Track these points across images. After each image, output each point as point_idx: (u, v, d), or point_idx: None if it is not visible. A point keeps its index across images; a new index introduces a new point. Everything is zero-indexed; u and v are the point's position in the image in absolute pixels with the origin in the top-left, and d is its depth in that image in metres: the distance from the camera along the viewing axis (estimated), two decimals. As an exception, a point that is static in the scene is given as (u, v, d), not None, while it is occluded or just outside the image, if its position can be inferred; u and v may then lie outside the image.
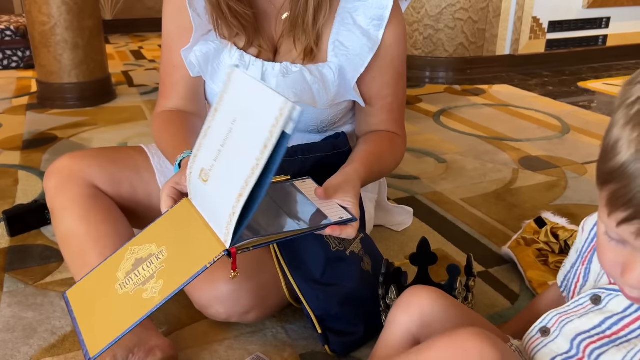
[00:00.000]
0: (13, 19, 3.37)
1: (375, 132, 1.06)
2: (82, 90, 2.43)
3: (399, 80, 1.06)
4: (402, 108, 1.10)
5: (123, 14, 4.52)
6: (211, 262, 0.66)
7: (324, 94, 1.01)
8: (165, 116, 1.08)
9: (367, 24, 1.00)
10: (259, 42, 1.02)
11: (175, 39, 1.06)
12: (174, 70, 1.08)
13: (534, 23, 3.01)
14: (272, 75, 1.01)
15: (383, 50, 1.02)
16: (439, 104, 2.49)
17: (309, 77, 1.00)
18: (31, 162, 1.80)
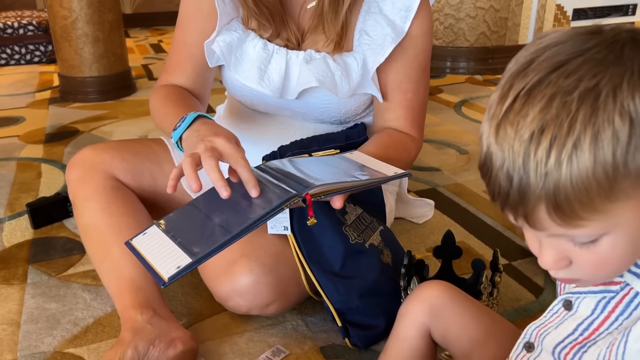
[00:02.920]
0: (35, 14, 3.41)
1: (387, 132, 1.03)
2: (102, 83, 2.45)
3: (421, 76, 1.04)
4: (422, 108, 1.07)
5: (143, 7, 4.54)
6: (289, 204, 0.71)
7: (346, 83, 1.00)
8: (169, 88, 1.06)
9: (394, 14, 0.98)
10: (287, 34, 1.01)
11: (191, 18, 1.05)
12: (184, 46, 1.07)
13: (558, 11, 2.94)
14: (295, 63, 1.00)
15: (408, 42, 0.99)
16: (460, 95, 2.45)
17: (332, 64, 0.99)
18: (53, 155, 1.82)
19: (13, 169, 1.72)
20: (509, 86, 0.45)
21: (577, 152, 0.41)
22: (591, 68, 0.42)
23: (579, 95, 0.41)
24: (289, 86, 1.01)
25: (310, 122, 1.10)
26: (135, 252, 0.73)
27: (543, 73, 0.43)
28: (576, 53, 0.43)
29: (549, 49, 0.44)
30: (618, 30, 0.44)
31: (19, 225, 1.38)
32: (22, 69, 3.12)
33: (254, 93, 1.05)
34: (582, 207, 0.43)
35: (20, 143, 1.95)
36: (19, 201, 1.49)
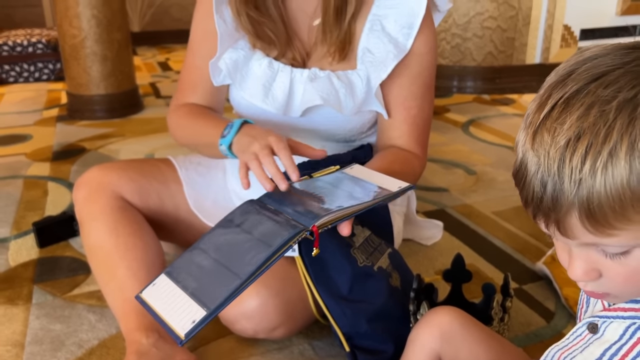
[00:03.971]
0: (45, 32, 3.44)
1: (391, 149, 1.02)
2: (110, 101, 2.46)
3: (426, 93, 1.04)
4: (427, 125, 1.06)
5: (150, 25, 4.59)
6: (297, 239, 0.70)
7: (351, 100, 0.99)
8: (189, 107, 1.08)
9: (397, 31, 0.98)
10: (292, 55, 1.01)
11: (201, 42, 1.07)
12: (194, 70, 1.08)
13: (565, 31, 2.95)
14: (300, 81, 1.00)
15: (411, 60, 0.99)
16: (468, 114, 2.45)
17: (336, 81, 0.99)
18: (60, 174, 1.82)
19: (20, 187, 1.72)
20: (547, 96, 0.46)
21: (612, 160, 0.41)
22: (630, 80, 0.42)
23: (617, 105, 0.41)
24: (293, 104, 1.01)
25: (316, 140, 1.10)
26: (146, 307, 0.70)
27: (582, 83, 0.44)
28: (616, 65, 0.43)
29: (589, 61, 0.45)
30: None
31: (25, 244, 1.37)
32: (30, 87, 3.15)
33: (259, 111, 1.05)
34: (615, 215, 0.42)
35: (27, 161, 1.95)
36: (25, 220, 1.49)
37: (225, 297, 0.64)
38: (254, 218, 0.75)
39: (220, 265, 0.69)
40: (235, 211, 0.78)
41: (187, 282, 0.69)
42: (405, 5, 0.98)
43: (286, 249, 0.69)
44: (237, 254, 0.70)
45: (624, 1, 2.98)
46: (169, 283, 0.70)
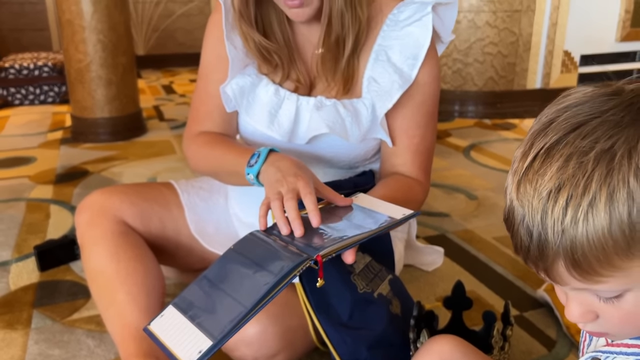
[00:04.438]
0: (51, 56, 3.49)
1: (394, 177, 1.03)
2: (114, 124, 2.49)
3: (429, 122, 1.05)
4: (429, 153, 1.07)
5: (155, 49, 4.65)
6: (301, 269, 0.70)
7: (356, 129, 1.00)
8: (208, 135, 1.08)
9: (402, 61, 0.99)
10: (296, 76, 1.03)
11: (212, 68, 1.08)
12: (208, 98, 1.09)
13: (566, 57, 2.98)
14: (306, 109, 1.01)
15: (415, 89, 1.00)
16: (469, 139, 2.46)
17: (342, 110, 1.00)
18: (63, 196, 1.83)
19: (22, 209, 1.73)
20: (530, 144, 0.47)
21: (592, 211, 0.42)
22: (607, 130, 0.43)
23: (594, 156, 0.42)
24: (299, 131, 1.02)
25: (320, 167, 1.10)
26: (154, 338, 0.70)
27: (562, 133, 0.45)
28: (594, 115, 0.44)
29: (570, 109, 0.46)
30: (637, 92, 0.45)
31: (26, 267, 1.37)
32: (35, 109, 3.18)
33: (265, 137, 1.06)
34: (600, 264, 0.43)
35: (30, 183, 1.96)
36: (26, 243, 1.49)
37: (231, 327, 0.65)
38: (259, 247, 0.76)
39: (226, 295, 0.70)
40: (241, 240, 0.79)
41: (194, 313, 0.69)
42: (410, 36, 0.99)
43: (291, 278, 0.69)
44: (243, 284, 0.70)
45: (624, 27, 3.01)
46: (176, 314, 0.70)
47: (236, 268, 0.73)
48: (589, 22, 2.95)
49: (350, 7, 0.95)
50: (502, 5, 2.78)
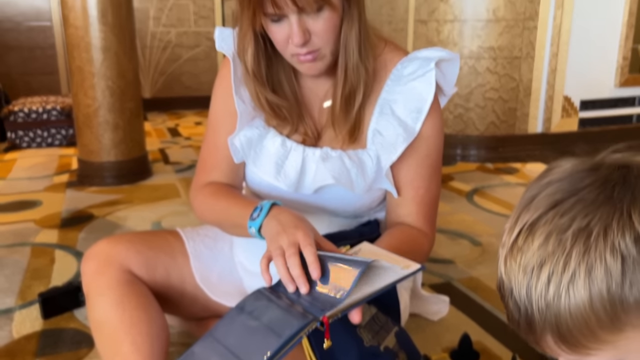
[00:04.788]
0: (60, 99, 3.56)
1: (400, 228, 1.04)
2: (120, 168, 2.51)
3: (433, 173, 1.06)
4: (434, 204, 1.08)
5: (162, 92, 4.73)
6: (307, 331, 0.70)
7: (362, 180, 1.02)
8: (214, 187, 1.10)
9: (406, 115, 1.01)
10: (304, 129, 1.05)
11: (221, 121, 1.10)
12: (216, 149, 1.11)
13: (566, 102, 3.02)
14: (312, 160, 1.03)
15: (419, 142, 1.02)
16: (472, 183, 2.48)
17: (347, 161, 1.02)
18: (68, 241, 1.84)
19: (27, 254, 1.73)
20: (515, 219, 0.49)
21: (573, 287, 0.44)
22: (583, 208, 0.45)
23: (572, 234, 0.44)
24: (305, 181, 1.04)
25: (325, 216, 1.11)
26: None
27: (542, 210, 0.47)
28: (571, 192, 0.46)
29: (551, 185, 0.48)
30: (613, 168, 0.47)
31: (29, 315, 1.36)
32: (43, 152, 3.22)
33: (271, 186, 1.07)
34: (586, 338, 0.44)
35: (36, 227, 1.97)
36: (31, 289, 1.49)
37: None
38: (266, 306, 0.76)
39: (232, 355, 0.69)
40: (247, 298, 0.79)
41: None
42: (414, 91, 1.01)
43: (296, 340, 0.69)
44: (248, 344, 0.70)
45: (622, 74, 3.07)
46: None
47: (242, 328, 0.73)
48: (587, 68, 3.01)
49: (364, 61, 0.98)
50: (502, 52, 2.84)
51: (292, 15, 0.88)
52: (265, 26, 0.94)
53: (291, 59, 0.97)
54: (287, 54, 0.95)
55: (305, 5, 0.87)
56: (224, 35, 1.07)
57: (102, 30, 2.36)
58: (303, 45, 0.91)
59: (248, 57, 0.98)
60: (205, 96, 1.13)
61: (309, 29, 0.91)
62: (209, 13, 4.71)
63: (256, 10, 0.90)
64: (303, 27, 0.90)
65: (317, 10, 0.89)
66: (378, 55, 1.05)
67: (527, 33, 2.85)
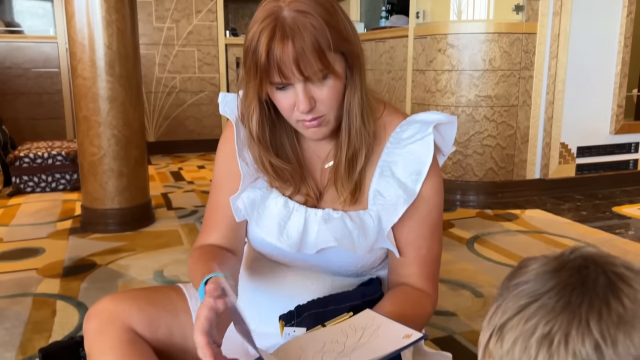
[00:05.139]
0: (65, 145, 3.61)
1: (403, 289, 1.05)
2: (123, 215, 2.54)
3: (434, 232, 1.08)
4: (436, 263, 1.09)
5: (165, 136, 4.80)
6: None
7: (363, 240, 1.03)
8: (203, 249, 1.12)
9: (406, 177, 1.04)
10: (306, 190, 1.07)
11: (224, 181, 1.13)
12: (218, 208, 1.13)
13: (563, 148, 3.07)
14: (314, 221, 1.05)
15: (420, 202, 1.04)
16: (472, 230, 2.49)
17: (349, 223, 1.04)
18: (70, 291, 1.84)
19: (29, 306, 1.73)
20: (491, 315, 0.51)
21: None
22: (546, 314, 0.47)
23: (536, 341, 0.46)
24: (307, 242, 1.05)
25: (327, 274, 1.13)
26: None
27: (509, 314, 0.49)
28: (534, 297, 0.48)
29: (518, 287, 0.50)
30: (573, 270, 0.49)
31: (30, 370, 1.36)
32: (47, 197, 3.25)
33: (273, 247, 1.09)
34: None
35: (38, 277, 1.98)
36: (31, 343, 1.49)
37: None
38: None
39: None
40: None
41: None
42: (413, 154, 1.04)
43: None
44: None
45: (617, 121, 3.12)
46: None
47: None
48: (583, 115, 3.07)
49: (366, 125, 1.01)
50: (499, 100, 2.91)
51: (298, 84, 0.92)
52: (270, 93, 0.97)
53: (296, 125, 1.00)
54: (293, 119, 0.98)
55: (311, 75, 0.91)
56: (227, 100, 1.11)
57: (109, 81, 2.42)
58: (309, 112, 0.94)
59: (253, 123, 1.01)
60: (208, 140, 1.16)
61: (314, 96, 0.94)
62: (213, 60, 4.82)
63: (263, 79, 0.93)
64: (308, 94, 0.93)
65: (322, 79, 0.93)
66: (377, 118, 1.09)
67: (523, 82, 2.92)
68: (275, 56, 0.89)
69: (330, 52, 0.91)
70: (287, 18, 0.90)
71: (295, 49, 0.88)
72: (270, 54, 0.89)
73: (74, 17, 2.39)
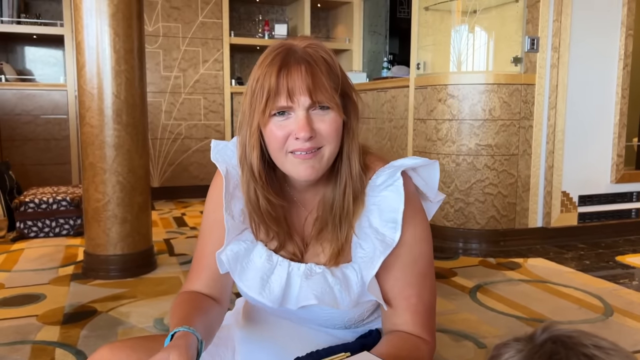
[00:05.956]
0: (70, 190, 3.65)
1: (399, 334, 1.03)
2: (125, 261, 2.54)
3: (423, 281, 1.05)
4: (430, 311, 1.06)
5: (169, 181, 4.84)
6: None
7: (346, 295, 1.01)
8: (185, 295, 1.11)
9: (382, 226, 1.01)
10: (292, 248, 1.07)
11: (210, 230, 1.12)
12: (203, 257, 1.13)
13: (564, 197, 3.08)
14: (296, 274, 1.04)
15: (402, 250, 1.01)
16: (474, 279, 2.48)
17: (330, 278, 1.01)
18: (69, 339, 1.83)
19: (27, 353, 1.72)
20: None
21: None
22: None
23: None
24: (290, 297, 1.03)
25: (317, 326, 1.11)
26: None
27: None
28: None
29: None
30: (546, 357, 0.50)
31: (25, 421, 1.34)
32: (50, 242, 3.26)
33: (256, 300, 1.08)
34: None
35: (37, 324, 1.97)
36: (28, 393, 1.47)
37: None
38: None
39: None
40: None
41: None
42: (385, 201, 1.01)
43: None
44: None
45: (617, 170, 3.15)
46: None
47: None
48: (583, 165, 3.10)
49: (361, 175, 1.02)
50: (499, 149, 2.95)
51: (301, 111, 0.93)
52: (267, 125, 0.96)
53: (286, 159, 0.97)
54: (284, 151, 0.96)
55: (322, 100, 0.92)
56: (219, 148, 1.11)
57: (116, 129, 2.48)
58: (308, 139, 0.93)
59: (254, 159, 0.99)
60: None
61: (314, 127, 0.94)
62: (219, 108, 4.92)
63: (268, 102, 0.93)
64: (310, 122, 0.93)
65: (326, 109, 0.94)
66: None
67: (523, 131, 2.96)
68: (286, 77, 0.91)
69: (338, 88, 0.94)
70: (299, 49, 0.93)
71: (309, 71, 0.91)
72: (281, 73, 0.91)
73: (84, 67, 2.47)
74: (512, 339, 0.55)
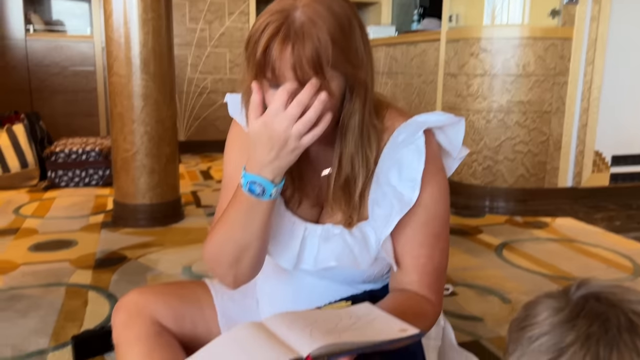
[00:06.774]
0: (98, 141, 3.70)
1: (404, 292, 1.01)
2: (153, 211, 2.58)
3: (435, 242, 1.02)
4: (439, 272, 1.04)
5: (195, 135, 4.87)
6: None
7: (366, 254, 1.00)
8: None
9: (401, 185, 0.99)
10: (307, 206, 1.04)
11: (234, 179, 1.11)
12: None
13: (597, 157, 3.00)
14: (313, 236, 1.02)
15: (418, 210, 0.99)
16: (501, 237, 2.46)
17: (349, 239, 1.00)
18: (101, 282, 1.89)
19: (62, 295, 1.78)
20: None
21: None
22: None
23: None
24: (307, 258, 1.03)
25: (336, 284, 1.10)
26: None
27: None
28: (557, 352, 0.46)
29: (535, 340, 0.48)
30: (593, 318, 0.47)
31: (62, 357, 1.40)
32: (80, 192, 3.33)
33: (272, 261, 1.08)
34: None
35: (71, 268, 2.03)
36: (64, 331, 1.53)
37: None
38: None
39: None
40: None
41: None
42: (405, 159, 0.99)
43: None
44: None
45: (655, 130, 3.04)
46: None
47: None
48: (619, 124, 3.00)
49: (365, 150, 0.98)
50: (531, 106, 2.87)
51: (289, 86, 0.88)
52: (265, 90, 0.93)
53: None
54: None
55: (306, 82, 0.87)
56: (235, 102, 1.09)
57: (143, 79, 2.48)
58: None
59: None
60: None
61: None
62: (244, 61, 4.88)
63: (257, 73, 0.90)
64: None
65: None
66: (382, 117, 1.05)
67: (557, 88, 2.87)
68: (272, 55, 0.87)
69: (328, 68, 0.88)
70: (295, 21, 0.87)
71: (292, 55, 0.86)
72: (268, 51, 0.87)
73: (111, 15, 2.45)
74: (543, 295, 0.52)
